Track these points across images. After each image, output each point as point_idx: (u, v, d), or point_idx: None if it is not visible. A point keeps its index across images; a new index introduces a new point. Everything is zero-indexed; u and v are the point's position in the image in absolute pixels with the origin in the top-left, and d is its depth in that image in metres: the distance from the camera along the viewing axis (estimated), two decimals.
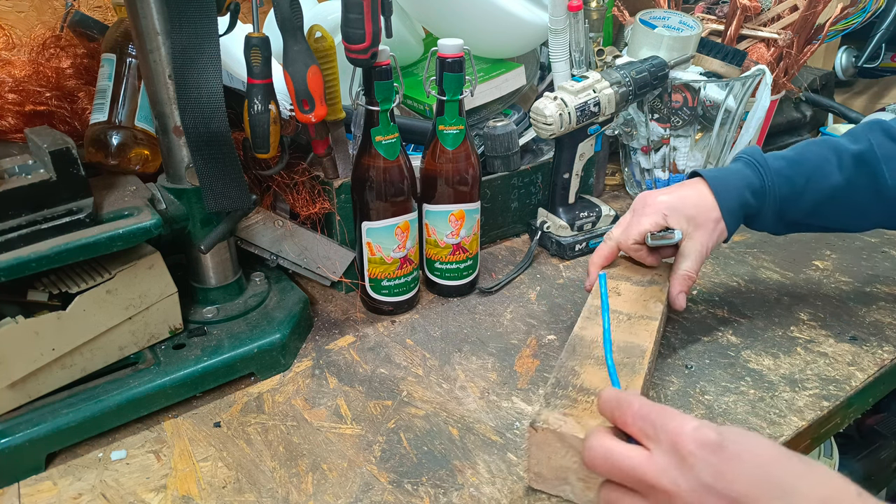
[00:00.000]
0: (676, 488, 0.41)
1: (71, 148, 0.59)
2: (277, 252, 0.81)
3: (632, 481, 0.44)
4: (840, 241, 0.96)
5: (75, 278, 0.63)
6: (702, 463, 0.41)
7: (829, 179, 0.68)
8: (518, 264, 0.91)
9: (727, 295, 0.84)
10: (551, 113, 0.83)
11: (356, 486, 0.58)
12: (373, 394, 0.69)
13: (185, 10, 0.60)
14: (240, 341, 0.69)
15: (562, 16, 0.90)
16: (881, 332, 0.76)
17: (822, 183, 0.68)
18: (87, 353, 0.63)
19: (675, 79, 0.95)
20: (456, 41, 0.72)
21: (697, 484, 0.41)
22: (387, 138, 0.73)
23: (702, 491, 0.41)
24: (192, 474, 0.59)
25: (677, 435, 0.42)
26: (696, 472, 0.41)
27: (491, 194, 0.92)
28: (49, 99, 0.72)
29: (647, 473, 0.43)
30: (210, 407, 0.67)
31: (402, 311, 0.82)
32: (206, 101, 0.62)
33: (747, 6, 1.06)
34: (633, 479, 0.44)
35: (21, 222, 0.57)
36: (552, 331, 0.78)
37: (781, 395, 0.67)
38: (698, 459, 0.41)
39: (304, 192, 0.81)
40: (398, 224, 0.76)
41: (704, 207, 0.68)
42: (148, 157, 0.72)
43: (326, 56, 0.74)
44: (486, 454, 0.61)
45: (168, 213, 0.68)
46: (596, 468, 0.46)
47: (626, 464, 0.44)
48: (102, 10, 0.94)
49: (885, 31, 1.29)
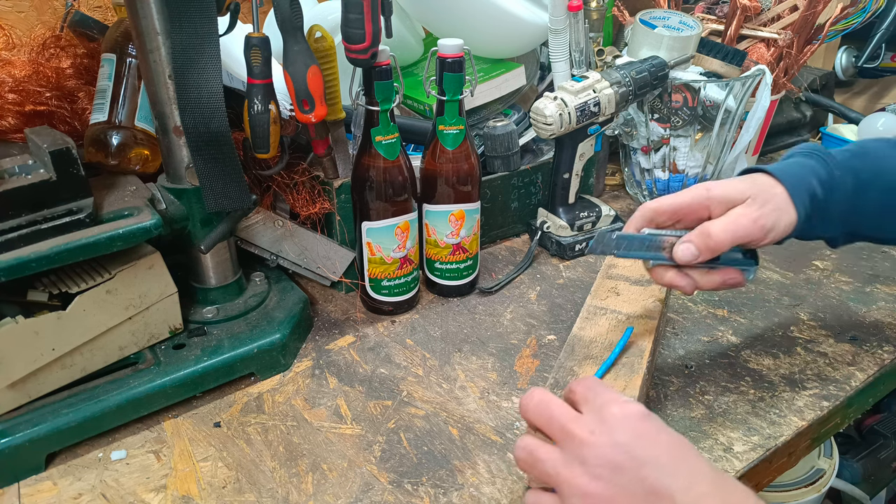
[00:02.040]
0: (590, 436, 0.43)
1: (71, 148, 0.59)
2: (277, 252, 0.81)
3: (553, 427, 0.45)
4: None
5: (75, 278, 0.63)
6: (621, 424, 0.43)
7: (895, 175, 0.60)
8: (518, 264, 0.91)
9: (727, 295, 0.84)
10: (551, 113, 0.83)
11: (356, 486, 0.58)
12: (373, 394, 0.69)
13: (185, 10, 0.60)
14: (240, 341, 0.69)
15: (562, 16, 0.90)
16: (881, 332, 0.76)
17: (890, 178, 0.60)
18: (87, 353, 0.63)
19: (675, 79, 0.95)
20: (456, 41, 0.72)
21: (610, 439, 0.42)
22: (387, 138, 0.73)
23: (612, 445, 0.42)
24: (192, 474, 0.59)
25: (609, 401, 0.44)
26: (613, 430, 0.42)
27: (491, 194, 0.92)
28: (49, 99, 0.72)
29: (570, 422, 0.44)
30: (210, 407, 0.67)
31: (402, 311, 0.82)
32: (206, 101, 0.62)
33: (747, 6, 1.06)
34: (556, 425, 0.45)
35: (21, 222, 0.57)
36: (552, 331, 0.78)
37: (781, 395, 0.67)
38: (619, 421, 0.43)
39: (304, 192, 0.81)
40: (398, 224, 0.76)
41: (763, 186, 0.57)
42: (148, 157, 0.72)
43: (326, 56, 0.74)
44: (486, 454, 0.61)
45: (168, 213, 0.68)
46: (527, 412, 0.47)
47: (555, 411, 0.45)
48: (102, 10, 0.94)
49: (885, 31, 1.29)
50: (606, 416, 0.43)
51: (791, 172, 0.58)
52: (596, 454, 0.42)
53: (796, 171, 0.59)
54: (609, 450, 0.42)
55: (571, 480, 0.42)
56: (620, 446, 0.42)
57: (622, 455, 0.41)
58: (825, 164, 0.60)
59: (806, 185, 0.58)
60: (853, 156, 0.62)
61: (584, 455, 0.42)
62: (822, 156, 0.61)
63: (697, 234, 0.56)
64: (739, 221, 0.55)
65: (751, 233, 0.55)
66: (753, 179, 0.58)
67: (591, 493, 0.41)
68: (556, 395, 0.48)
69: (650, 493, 0.40)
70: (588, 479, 0.41)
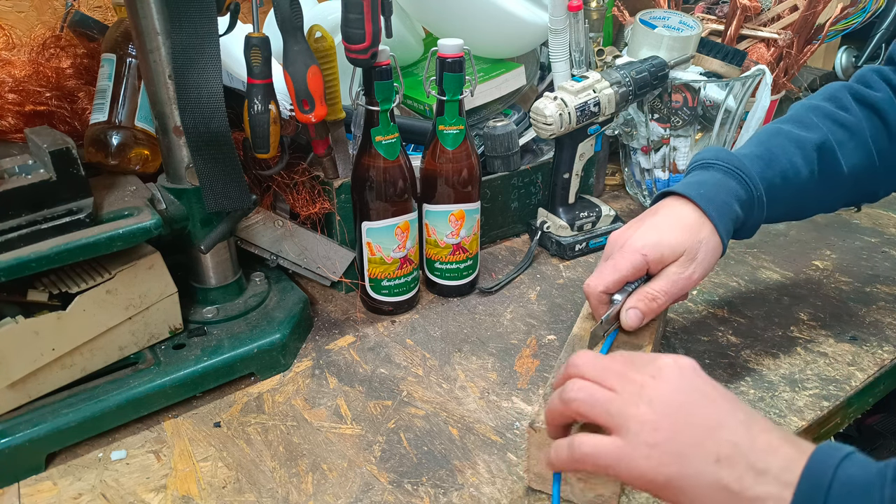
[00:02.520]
0: (651, 380, 0.45)
1: (71, 148, 0.59)
2: (277, 252, 0.81)
3: (610, 375, 0.46)
4: (840, 241, 0.96)
5: (75, 278, 0.63)
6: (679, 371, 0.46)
7: (800, 175, 0.66)
8: (518, 264, 0.91)
9: (727, 295, 0.84)
10: (551, 113, 0.83)
11: (356, 486, 0.58)
12: (373, 394, 0.69)
13: (185, 10, 0.60)
14: (240, 341, 0.69)
15: (562, 16, 0.90)
16: (881, 332, 0.76)
17: (795, 180, 0.66)
18: (87, 353, 0.63)
19: (675, 79, 0.95)
20: (456, 41, 0.72)
21: (671, 383, 0.45)
22: (387, 138, 0.73)
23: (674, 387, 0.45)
24: (192, 474, 0.59)
25: (657, 355, 0.48)
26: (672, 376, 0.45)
27: (491, 194, 0.92)
28: (49, 99, 0.72)
29: (629, 370, 0.46)
30: (210, 407, 0.67)
31: (402, 311, 0.82)
32: (206, 101, 0.62)
33: (747, 6, 1.07)
34: (613, 373, 0.46)
35: (21, 222, 0.57)
36: (552, 331, 0.78)
37: (781, 395, 0.67)
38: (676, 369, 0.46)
39: (304, 192, 0.81)
40: (398, 224, 0.76)
41: (693, 230, 0.61)
42: (148, 157, 0.72)
43: (326, 56, 0.74)
44: (486, 454, 0.61)
45: (168, 213, 0.68)
46: (580, 366, 0.48)
47: (610, 362, 0.47)
48: (102, 10, 0.94)
49: (885, 31, 1.29)
50: (662, 365, 0.46)
51: (717, 202, 0.62)
52: (660, 394, 0.44)
53: (721, 200, 0.62)
54: (672, 391, 0.44)
55: (640, 417, 0.43)
56: (682, 388, 0.44)
57: (684, 395, 0.44)
58: (745, 186, 0.64)
59: (729, 213, 0.62)
60: (765, 165, 0.65)
61: (648, 395, 0.44)
62: (740, 175, 0.64)
63: (642, 300, 0.60)
64: (678, 284, 0.61)
65: (687, 287, 0.62)
66: (681, 220, 0.61)
67: (660, 427, 0.43)
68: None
69: (714, 427, 0.42)
70: (655, 416, 0.43)
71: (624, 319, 0.60)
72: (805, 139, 0.67)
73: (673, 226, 0.61)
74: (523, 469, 0.59)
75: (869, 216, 1.04)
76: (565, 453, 0.46)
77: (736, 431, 0.42)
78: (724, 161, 0.65)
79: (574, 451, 0.45)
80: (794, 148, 0.66)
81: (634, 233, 0.62)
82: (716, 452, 0.41)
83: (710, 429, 0.42)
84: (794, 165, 0.65)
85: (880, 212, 1.05)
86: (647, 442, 0.42)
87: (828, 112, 0.68)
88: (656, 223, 0.62)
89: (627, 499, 0.55)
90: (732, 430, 0.42)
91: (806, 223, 1.02)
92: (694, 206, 0.62)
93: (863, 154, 0.68)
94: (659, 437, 0.42)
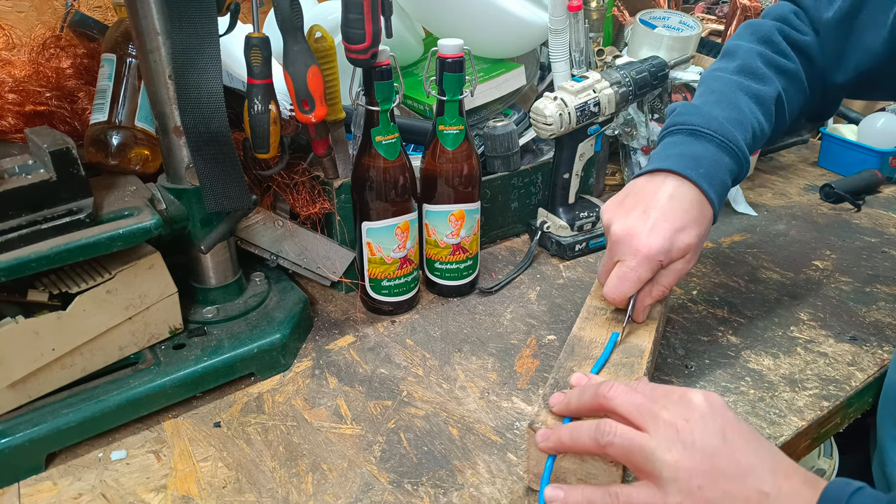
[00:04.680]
0: (685, 423, 0.45)
1: (71, 148, 0.59)
2: (277, 252, 0.81)
3: (643, 414, 0.47)
4: (840, 241, 0.96)
5: (75, 278, 0.63)
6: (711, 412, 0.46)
7: (764, 132, 0.69)
8: (518, 264, 0.91)
9: (727, 295, 0.84)
10: (551, 113, 0.83)
11: (356, 486, 0.58)
12: (373, 394, 0.69)
13: (185, 10, 0.60)
14: (240, 341, 0.69)
15: (562, 16, 0.90)
16: (881, 332, 0.76)
17: (761, 137, 0.69)
18: (87, 353, 0.63)
19: (675, 79, 0.95)
20: (456, 41, 0.72)
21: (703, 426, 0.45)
22: (387, 138, 0.73)
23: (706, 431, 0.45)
24: (192, 474, 0.59)
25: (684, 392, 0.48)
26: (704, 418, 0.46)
27: (491, 194, 0.92)
28: (49, 99, 0.72)
29: (661, 410, 0.46)
30: (210, 407, 0.67)
31: (402, 311, 0.82)
32: (206, 101, 0.62)
33: (747, 6, 1.07)
34: (646, 412, 0.46)
35: (21, 222, 0.57)
36: (552, 331, 0.78)
37: (781, 395, 0.67)
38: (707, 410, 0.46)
39: (304, 192, 0.81)
40: (398, 224, 0.76)
41: (696, 223, 0.62)
42: (148, 157, 0.72)
43: (326, 56, 0.74)
44: (486, 454, 0.61)
45: (168, 213, 0.68)
46: (613, 398, 0.48)
47: (640, 400, 0.47)
48: (102, 10, 0.94)
49: None
50: (694, 405, 0.46)
51: (716, 182, 0.64)
52: (694, 440, 0.44)
53: (720, 179, 0.64)
54: (705, 436, 0.45)
55: (675, 464, 0.44)
56: (714, 432, 0.45)
57: (717, 441, 0.44)
58: (737, 159, 0.66)
59: (725, 190, 0.65)
60: (743, 130, 0.66)
61: (682, 440, 0.44)
62: (734, 149, 0.65)
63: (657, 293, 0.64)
64: (681, 276, 0.64)
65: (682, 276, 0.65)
66: (688, 211, 0.62)
67: (694, 469, 0.44)
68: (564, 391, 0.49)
69: (744, 475, 0.44)
70: (690, 463, 0.44)
71: (639, 315, 0.64)
72: (764, 94, 0.69)
73: (682, 217, 0.61)
74: (523, 469, 0.59)
75: (869, 216, 1.04)
76: (606, 501, 0.47)
77: (764, 480, 0.43)
78: (716, 132, 0.65)
79: (615, 501, 0.46)
80: (756, 105, 0.69)
81: (644, 227, 0.61)
82: (745, 499, 0.43)
83: (741, 477, 0.43)
84: (760, 123, 0.68)
85: (880, 212, 1.05)
86: (681, 489, 0.44)
87: (771, 60, 0.71)
88: (664, 213, 0.61)
89: None
90: (761, 478, 0.43)
91: (806, 223, 1.02)
92: (696, 189, 0.62)
93: (801, 99, 0.74)
94: (693, 484, 0.43)
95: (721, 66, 0.72)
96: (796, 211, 1.06)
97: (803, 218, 1.04)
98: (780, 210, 1.06)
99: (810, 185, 1.16)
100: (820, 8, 0.72)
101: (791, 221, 1.03)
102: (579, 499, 0.48)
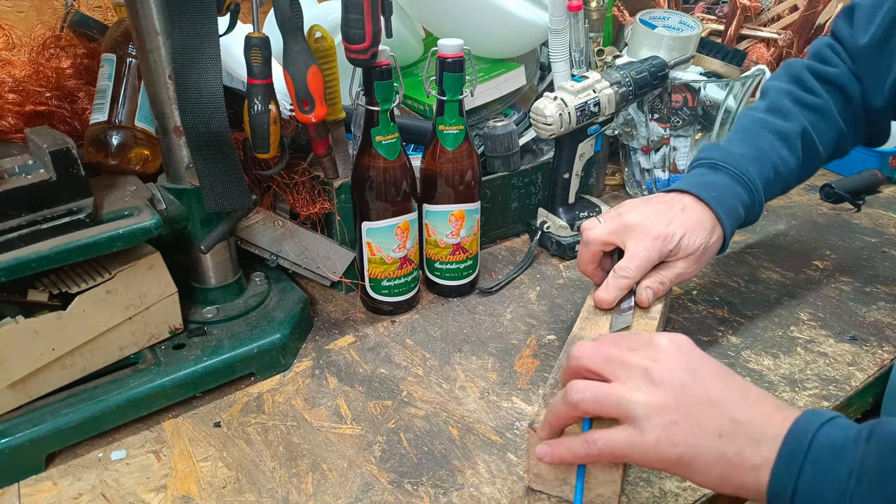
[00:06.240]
0: (653, 363, 0.47)
1: (71, 148, 0.59)
2: (277, 252, 0.81)
3: (612, 365, 0.48)
4: (840, 241, 0.96)
5: (75, 278, 0.63)
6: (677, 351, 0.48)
7: (788, 166, 0.72)
8: (518, 264, 0.91)
9: (727, 295, 0.84)
10: (551, 113, 0.83)
11: (356, 486, 0.58)
12: (373, 394, 0.69)
13: (185, 9, 0.60)
14: (240, 341, 0.69)
15: (562, 16, 0.90)
16: (881, 332, 0.76)
17: (785, 171, 0.72)
18: (87, 353, 0.63)
19: (675, 79, 0.95)
20: (456, 41, 0.72)
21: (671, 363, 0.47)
22: (387, 138, 0.73)
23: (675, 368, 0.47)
24: (192, 474, 0.59)
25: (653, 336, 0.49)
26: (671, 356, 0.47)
27: (491, 194, 0.92)
28: (49, 99, 0.72)
29: (629, 356, 0.48)
30: (210, 407, 0.67)
31: (402, 311, 0.82)
32: (206, 101, 0.62)
33: (747, 6, 1.07)
34: (614, 362, 0.48)
35: (21, 222, 0.57)
36: (552, 331, 0.78)
37: (781, 395, 0.67)
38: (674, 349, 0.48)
39: (304, 192, 0.81)
40: (398, 224, 0.76)
41: (707, 234, 0.66)
42: (148, 157, 0.72)
43: (326, 56, 0.74)
44: (486, 454, 0.61)
45: (168, 213, 0.68)
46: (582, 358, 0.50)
47: (609, 351, 0.49)
48: (102, 10, 0.94)
49: None
50: (660, 346, 0.48)
51: (726, 206, 0.68)
52: (663, 377, 0.46)
53: (730, 204, 0.68)
54: (674, 373, 0.46)
55: (646, 402, 0.45)
56: (682, 368, 0.46)
57: (685, 376, 0.46)
58: (749, 191, 0.69)
59: (735, 216, 0.69)
60: (761, 165, 0.70)
61: (652, 379, 0.46)
62: (745, 181, 0.69)
63: (654, 283, 0.66)
64: (682, 277, 0.67)
65: (684, 280, 0.68)
66: (702, 223, 0.66)
67: (666, 405, 0.45)
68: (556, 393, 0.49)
69: (715, 404, 0.45)
70: (660, 396, 0.45)
71: (641, 296, 0.65)
72: (787, 130, 0.72)
73: (696, 227, 0.66)
74: (523, 469, 0.59)
75: (869, 216, 1.04)
76: (582, 450, 0.47)
77: (735, 407, 0.45)
78: (731, 165, 0.70)
79: (590, 448, 0.47)
80: (779, 141, 0.72)
81: (660, 221, 0.66)
82: (718, 429, 0.44)
83: (712, 407, 0.45)
84: (783, 158, 0.72)
85: (880, 212, 1.05)
86: (656, 425, 0.45)
87: (798, 98, 0.75)
88: (683, 221, 0.66)
89: (627, 499, 0.55)
90: (732, 405, 0.45)
91: (806, 223, 1.02)
92: (707, 208, 0.67)
93: (835, 130, 0.75)
94: (667, 419, 0.44)
95: (754, 106, 0.77)
96: (796, 211, 1.06)
97: (803, 218, 1.04)
98: (780, 210, 1.06)
99: (810, 185, 1.16)
100: (856, 36, 0.75)
101: (791, 221, 1.03)
102: (563, 451, 0.49)
